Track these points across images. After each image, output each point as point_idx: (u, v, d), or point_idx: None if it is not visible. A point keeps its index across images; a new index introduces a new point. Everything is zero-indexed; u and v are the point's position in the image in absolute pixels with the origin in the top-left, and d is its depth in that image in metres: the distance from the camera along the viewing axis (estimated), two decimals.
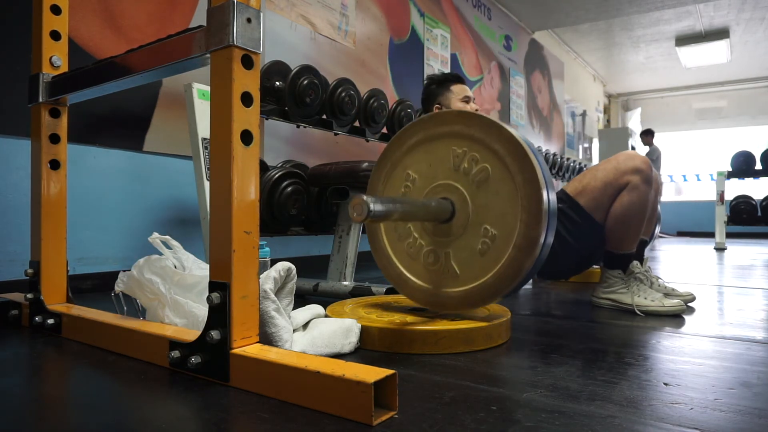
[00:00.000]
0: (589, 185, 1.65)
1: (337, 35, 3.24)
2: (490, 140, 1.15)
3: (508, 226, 1.13)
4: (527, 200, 1.10)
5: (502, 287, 1.14)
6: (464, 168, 1.19)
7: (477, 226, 1.17)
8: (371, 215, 0.96)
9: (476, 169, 1.17)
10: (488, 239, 1.15)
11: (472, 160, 1.18)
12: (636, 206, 1.58)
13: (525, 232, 1.10)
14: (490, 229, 1.15)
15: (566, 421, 0.72)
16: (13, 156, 1.80)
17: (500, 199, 1.14)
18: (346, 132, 2.59)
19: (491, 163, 1.15)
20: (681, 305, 1.53)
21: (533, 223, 1.09)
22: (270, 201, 1.92)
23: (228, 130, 0.86)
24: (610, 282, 1.64)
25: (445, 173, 1.22)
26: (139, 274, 1.14)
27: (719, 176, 5.08)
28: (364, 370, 0.75)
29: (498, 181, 1.15)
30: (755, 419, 0.74)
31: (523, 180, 1.11)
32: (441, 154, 1.23)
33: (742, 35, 6.64)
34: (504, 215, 1.13)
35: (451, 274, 1.20)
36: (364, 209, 0.95)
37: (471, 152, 1.18)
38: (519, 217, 1.11)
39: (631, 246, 1.63)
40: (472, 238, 1.17)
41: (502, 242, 1.13)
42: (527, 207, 1.10)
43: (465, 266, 1.18)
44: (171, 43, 0.98)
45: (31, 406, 0.81)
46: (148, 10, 2.21)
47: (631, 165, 1.59)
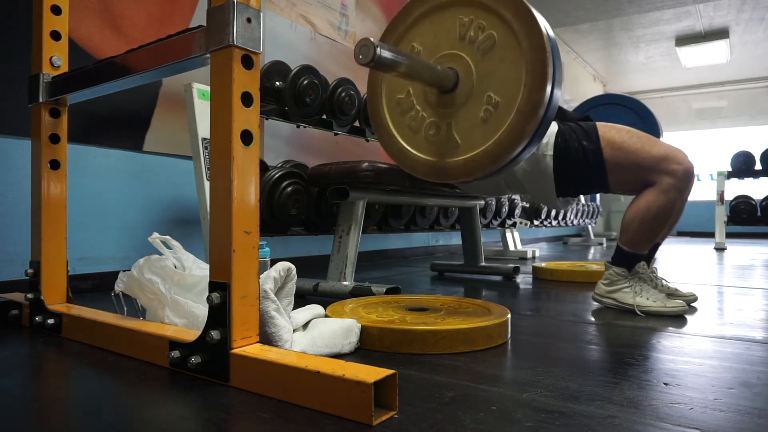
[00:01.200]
0: (628, 149, 1.55)
1: (337, 35, 3.24)
2: (498, 5, 1.13)
3: (511, 92, 1.11)
4: (532, 64, 1.08)
5: (502, 153, 1.12)
6: (470, 36, 1.17)
7: (480, 94, 1.15)
8: (377, 59, 0.93)
9: (482, 37, 1.15)
10: (491, 106, 1.13)
11: (478, 27, 1.16)
12: (662, 211, 1.52)
13: (528, 96, 1.08)
14: (494, 96, 1.13)
15: (566, 421, 0.72)
16: (13, 156, 1.80)
17: (505, 65, 1.12)
18: (346, 132, 2.59)
19: (498, 29, 1.14)
20: (683, 306, 1.53)
21: (537, 86, 1.08)
22: (270, 201, 1.92)
23: (228, 130, 0.86)
24: (613, 280, 1.62)
25: (450, 43, 1.20)
26: (139, 274, 1.14)
27: (719, 176, 5.08)
28: (364, 370, 0.75)
29: (504, 47, 1.13)
30: (755, 419, 0.74)
31: (530, 45, 1.09)
32: (447, 24, 1.21)
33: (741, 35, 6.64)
34: (508, 81, 1.12)
35: (452, 144, 1.18)
36: (370, 51, 0.92)
37: (478, 20, 1.16)
38: (523, 81, 1.09)
39: (644, 247, 1.60)
40: (475, 107, 1.15)
41: (504, 108, 1.12)
42: (532, 71, 1.08)
43: (466, 135, 1.17)
44: (171, 43, 0.98)
45: (31, 406, 0.81)
46: (148, 10, 2.21)
47: (676, 167, 1.52)
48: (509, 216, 3.59)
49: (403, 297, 1.56)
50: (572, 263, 2.84)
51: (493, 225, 3.48)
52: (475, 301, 1.44)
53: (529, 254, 3.90)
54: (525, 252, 3.91)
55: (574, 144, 1.60)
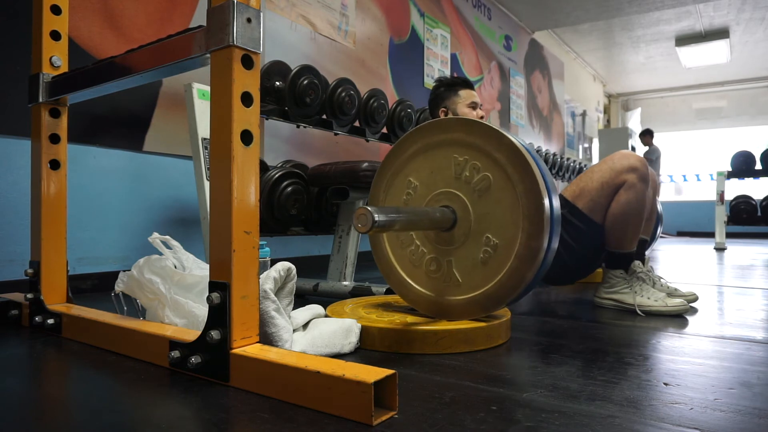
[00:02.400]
0: (586, 187, 1.66)
1: (337, 35, 3.24)
2: (491, 148, 1.14)
3: (509, 236, 1.12)
4: (529, 210, 1.10)
5: (503, 297, 1.14)
6: (465, 176, 1.18)
7: (479, 235, 1.16)
8: (376, 225, 0.96)
9: (477, 178, 1.17)
10: (490, 248, 1.15)
11: (473, 168, 1.17)
12: (633, 204, 1.58)
13: (527, 242, 1.10)
14: (492, 238, 1.14)
15: (566, 421, 0.72)
16: (13, 156, 1.80)
17: (502, 208, 1.14)
18: (346, 132, 2.59)
19: (492, 171, 1.15)
20: (684, 305, 1.53)
21: (535, 232, 1.09)
22: (270, 201, 1.92)
23: (228, 130, 0.86)
24: (613, 282, 1.64)
25: (446, 181, 1.21)
26: (139, 274, 1.14)
27: (719, 176, 5.08)
28: (364, 370, 0.75)
29: (499, 189, 1.14)
30: (755, 419, 0.74)
31: (525, 189, 1.10)
32: (442, 162, 1.22)
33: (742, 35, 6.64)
34: (506, 224, 1.13)
35: (453, 283, 1.20)
36: (368, 220, 0.95)
37: (472, 160, 1.18)
38: (521, 226, 1.10)
39: (631, 245, 1.63)
40: (474, 247, 1.17)
41: (503, 252, 1.13)
42: (529, 216, 1.10)
43: (467, 275, 1.18)
44: (171, 43, 0.98)
45: (31, 406, 0.81)
46: (148, 10, 2.21)
47: (626, 163, 1.60)
48: None
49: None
50: None
51: None
52: None
53: None
54: None
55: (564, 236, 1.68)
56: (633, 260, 1.63)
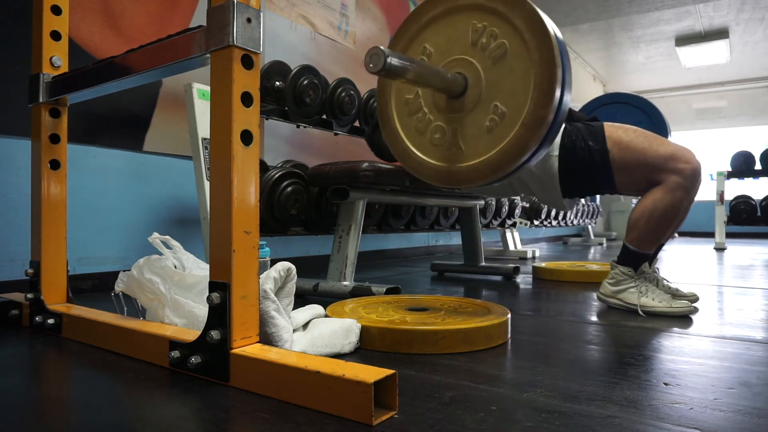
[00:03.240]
0: (635, 149, 1.54)
1: (337, 35, 3.24)
2: (512, 14, 1.12)
3: (517, 104, 1.11)
4: (541, 78, 1.08)
5: (504, 164, 1.12)
6: (482, 43, 1.16)
7: (487, 102, 1.15)
8: (387, 66, 0.94)
9: (494, 45, 1.15)
10: (497, 116, 1.14)
11: (491, 35, 1.15)
12: (669, 210, 1.52)
13: (534, 110, 1.08)
14: (500, 106, 1.13)
15: (566, 421, 0.72)
16: (13, 156, 1.80)
17: (514, 76, 1.12)
18: (346, 132, 2.59)
19: (510, 39, 1.13)
20: (689, 306, 1.52)
21: (544, 101, 1.07)
22: (270, 201, 1.92)
23: (228, 130, 0.86)
24: (619, 279, 1.61)
25: (462, 48, 1.19)
26: (139, 274, 1.14)
27: (719, 176, 5.08)
28: (364, 370, 0.75)
29: (514, 57, 1.12)
30: (755, 419, 0.74)
31: (540, 57, 1.08)
32: (461, 29, 1.20)
33: (741, 35, 6.64)
34: (515, 92, 1.12)
35: (456, 150, 1.19)
36: (380, 59, 0.93)
37: (491, 27, 1.16)
38: (530, 94, 1.09)
39: (651, 247, 1.60)
40: (481, 115, 1.16)
41: (510, 119, 1.12)
42: (539, 84, 1.08)
43: (470, 143, 1.17)
44: (171, 43, 0.98)
45: (31, 406, 0.81)
46: (148, 10, 2.21)
47: (683, 166, 1.51)
48: (509, 216, 3.59)
49: (403, 297, 1.56)
50: (572, 263, 2.84)
51: (493, 225, 3.48)
52: (475, 301, 1.44)
53: (529, 254, 3.90)
54: (525, 252, 3.91)
55: (581, 144, 1.60)
56: (645, 261, 1.60)
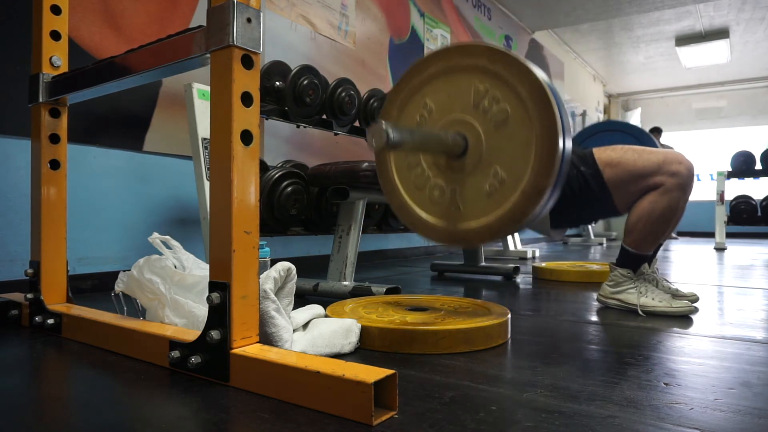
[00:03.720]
0: (626, 163, 1.56)
1: (337, 35, 3.24)
2: (515, 81, 1.12)
3: (518, 171, 1.11)
4: (542, 150, 1.08)
5: (502, 230, 1.13)
6: (484, 106, 1.16)
7: (488, 166, 1.15)
8: (390, 143, 0.94)
9: (496, 109, 1.15)
10: (497, 181, 1.14)
11: (493, 99, 1.15)
12: (666, 211, 1.52)
13: (534, 181, 1.08)
14: (500, 171, 1.13)
15: (566, 421, 0.72)
16: (13, 156, 1.80)
17: (515, 143, 1.12)
18: (346, 132, 2.59)
19: (512, 105, 1.13)
20: (689, 306, 1.52)
21: (544, 173, 1.07)
22: (270, 201, 1.92)
23: (228, 130, 0.86)
24: (618, 281, 1.62)
25: (463, 107, 1.19)
26: (139, 274, 1.14)
27: (719, 176, 5.08)
28: (364, 370, 0.75)
29: (516, 124, 1.12)
30: (755, 419, 0.74)
31: (542, 129, 1.08)
32: (462, 87, 1.19)
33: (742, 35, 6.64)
34: (516, 160, 1.11)
35: (454, 210, 1.19)
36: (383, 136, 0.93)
37: (493, 91, 1.15)
38: (531, 164, 1.09)
39: (649, 248, 1.60)
40: (481, 178, 1.16)
41: (510, 186, 1.12)
42: (541, 156, 1.08)
43: (470, 205, 1.17)
44: (171, 43, 0.98)
45: (31, 406, 0.81)
46: (148, 10, 2.21)
47: (676, 168, 1.52)
48: None
49: (403, 297, 1.56)
50: (572, 263, 2.84)
51: None
52: (475, 301, 1.44)
53: (529, 254, 3.89)
54: (525, 252, 3.90)
55: (573, 173, 1.61)
56: (645, 262, 1.61)
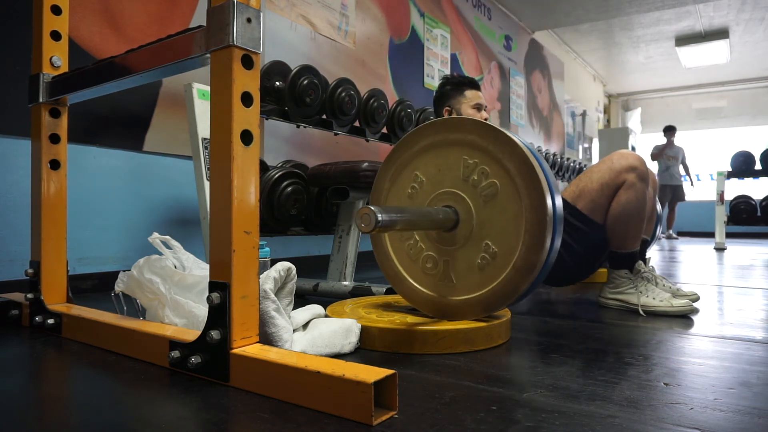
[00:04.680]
0: (585, 188, 1.66)
1: (337, 35, 3.24)
2: (503, 156, 1.14)
3: (509, 246, 1.12)
4: (532, 224, 1.10)
5: (496, 304, 1.14)
6: (473, 180, 1.18)
7: (479, 240, 1.16)
8: (379, 225, 0.96)
9: (485, 183, 1.16)
10: (488, 255, 1.15)
11: (482, 173, 1.17)
12: (634, 204, 1.58)
13: (525, 255, 1.10)
14: (492, 245, 1.15)
15: (566, 421, 0.72)
16: (13, 156, 1.80)
17: (505, 217, 1.13)
18: (346, 132, 2.59)
19: (501, 180, 1.14)
20: (690, 305, 1.52)
21: (535, 247, 1.09)
22: (270, 201, 1.92)
23: (228, 130, 0.86)
24: (617, 282, 1.64)
25: (453, 181, 1.21)
26: (139, 274, 1.14)
27: (719, 176, 5.08)
28: (364, 370, 0.75)
29: (506, 199, 1.14)
30: (755, 419, 0.74)
31: (531, 204, 1.10)
32: (451, 161, 1.21)
33: (741, 35, 6.64)
34: (507, 234, 1.13)
35: (448, 282, 1.20)
36: (372, 219, 0.95)
37: (482, 165, 1.17)
38: (521, 239, 1.11)
39: (634, 244, 1.63)
40: (473, 252, 1.17)
41: (501, 260, 1.13)
42: (531, 231, 1.10)
43: (462, 277, 1.18)
44: (171, 43, 0.98)
45: (31, 406, 0.81)
46: (148, 10, 2.21)
47: (625, 163, 1.60)
48: None
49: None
50: None
51: None
52: None
53: None
54: None
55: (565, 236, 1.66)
56: (637, 260, 1.63)
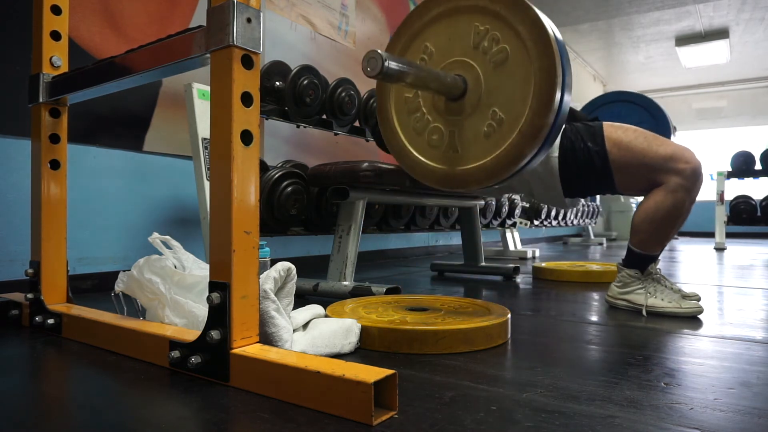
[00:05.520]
0: (634, 149, 1.54)
1: (337, 35, 3.24)
2: (515, 20, 1.11)
3: (516, 111, 1.11)
4: (541, 87, 1.07)
5: (499, 171, 1.13)
6: (483, 47, 1.15)
7: (486, 107, 1.15)
8: (385, 71, 0.93)
9: (495, 49, 1.14)
10: (495, 122, 1.13)
11: (492, 39, 1.14)
12: (672, 211, 1.50)
13: (532, 120, 1.08)
14: (499, 112, 1.13)
15: (566, 421, 0.72)
16: (13, 156, 1.80)
17: (514, 82, 1.12)
18: (346, 132, 2.59)
19: (511, 44, 1.12)
20: (698, 306, 1.51)
21: (542, 111, 1.07)
22: (270, 201, 1.92)
23: (228, 130, 0.86)
24: (626, 282, 1.61)
25: (463, 49, 1.19)
26: (139, 274, 1.14)
27: (719, 176, 5.08)
28: (364, 370, 0.75)
29: (515, 64, 1.12)
30: (755, 419, 0.74)
31: (540, 67, 1.08)
32: (462, 29, 1.19)
33: (741, 35, 6.64)
34: (515, 99, 1.11)
35: (453, 153, 1.18)
36: (377, 63, 0.93)
37: (493, 30, 1.15)
38: (529, 103, 1.09)
39: (656, 249, 1.59)
40: (479, 120, 1.15)
41: (507, 127, 1.12)
42: (539, 94, 1.08)
43: (467, 146, 1.17)
44: (171, 43, 0.98)
45: (31, 406, 0.81)
46: (148, 10, 2.21)
47: (683, 166, 1.50)
48: (509, 216, 3.59)
49: (403, 297, 1.56)
50: (572, 263, 2.84)
51: (493, 225, 3.48)
52: (475, 301, 1.44)
53: (529, 254, 3.90)
54: (525, 252, 3.91)
55: (580, 145, 1.60)
56: (652, 263, 1.60)
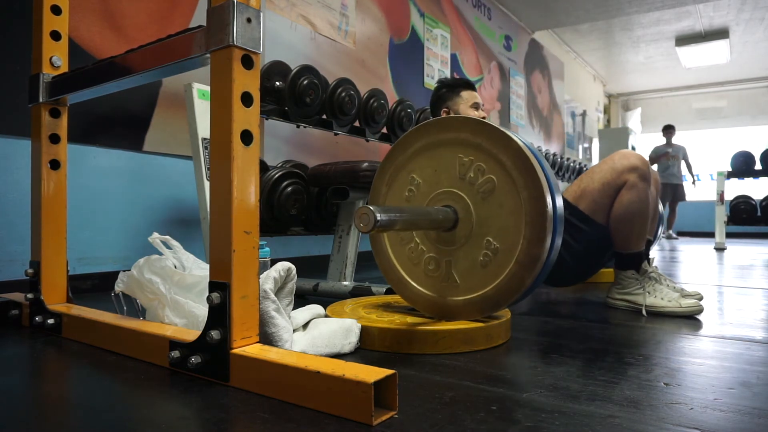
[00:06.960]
0: (587, 188, 1.65)
1: (337, 35, 3.24)
2: (498, 151, 1.14)
3: (510, 241, 1.12)
4: (532, 216, 1.09)
5: (501, 300, 1.14)
6: (470, 177, 1.17)
7: (479, 237, 1.16)
8: (378, 225, 0.95)
9: (482, 180, 1.16)
10: (490, 252, 1.14)
11: (478, 170, 1.16)
12: (636, 204, 1.57)
13: (527, 249, 1.09)
14: (493, 241, 1.14)
15: (566, 421, 0.72)
16: (13, 156, 1.80)
17: (504, 212, 1.13)
18: (346, 132, 2.59)
19: (497, 175, 1.14)
20: (698, 305, 1.51)
21: (536, 240, 1.09)
22: (270, 201, 1.92)
23: (228, 130, 0.86)
24: (625, 283, 1.63)
25: (450, 181, 1.21)
26: (139, 274, 1.14)
27: (719, 176, 5.08)
28: (364, 370, 0.75)
29: (503, 193, 1.13)
30: (755, 419, 0.74)
31: (529, 195, 1.10)
32: (447, 161, 1.21)
33: (741, 35, 6.64)
34: (507, 229, 1.12)
35: (451, 283, 1.20)
36: (370, 219, 0.95)
37: (477, 162, 1.17)
38: (522, 232, 1.10)
39: (638, 245, 1.62)
40: (474, 249, 1.17)
41: (504, 256, 1.13)
42: (531, 223, 1.09)
43: (465, 276, 1.18)
44: (171, 43, 0.98)
45: (31, 406, 0.81)
46: (148, 9, 2.21)
47: (626, 163, 1.59)
48: None
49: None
50: None
51: None
52: None
53: None
54: None
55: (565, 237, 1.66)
56: (643, 260, 1.62)
